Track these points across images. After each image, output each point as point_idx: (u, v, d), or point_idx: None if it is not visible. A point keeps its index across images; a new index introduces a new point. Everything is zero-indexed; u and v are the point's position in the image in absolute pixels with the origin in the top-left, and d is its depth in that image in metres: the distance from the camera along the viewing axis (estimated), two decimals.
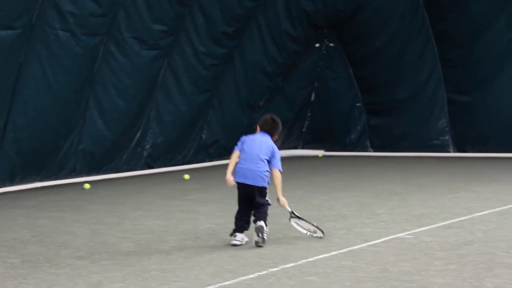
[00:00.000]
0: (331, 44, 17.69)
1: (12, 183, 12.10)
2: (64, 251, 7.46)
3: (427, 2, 16.46)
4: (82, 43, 12.55)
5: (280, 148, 20.40)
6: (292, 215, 7.75)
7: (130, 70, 13.59)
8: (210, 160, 15.93)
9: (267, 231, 7.40)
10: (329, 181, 12.90)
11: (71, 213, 9.90)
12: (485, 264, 6.41)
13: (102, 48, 13.03)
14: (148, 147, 14.48)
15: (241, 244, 7.42)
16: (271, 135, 7.70)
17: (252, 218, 7.51)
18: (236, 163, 7.62)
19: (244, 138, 7.77)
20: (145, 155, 14.44)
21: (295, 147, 17.73)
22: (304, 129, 18.03)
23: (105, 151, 13.58)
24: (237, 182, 7.57)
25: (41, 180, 12.64)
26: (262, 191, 7.49)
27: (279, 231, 7.97)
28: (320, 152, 17.80)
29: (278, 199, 7.60)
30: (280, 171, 7.56)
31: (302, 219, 7.76)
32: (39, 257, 7.18)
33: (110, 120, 13.56)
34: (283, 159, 8.02)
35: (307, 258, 6.80)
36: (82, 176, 13.21)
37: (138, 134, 14.23)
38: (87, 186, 12.39)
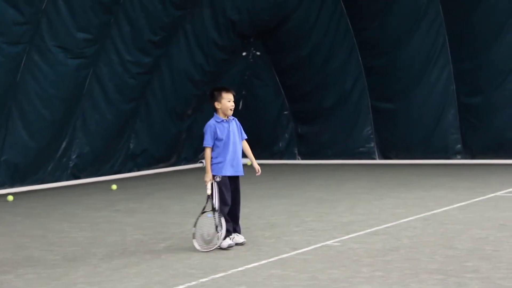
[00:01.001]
0: (258, 53, 17.80)
1: None
2: None
3: (350, 11, 16.74)
4: (3, 52, 12.26)
5: None
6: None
7: (55, 79, 13.35)
8: (139, 170, 15.77)
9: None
10: (258, 189, 12.93)
11: None
12: (411, 270, 6.54)
13: (25, 57, 12.76)
14: (74, 157, 14.23)
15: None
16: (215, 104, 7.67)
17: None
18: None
19: (210, 128, 7.62)
20: (71, 165, 14.19)
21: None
22: None
23: (29, 162, 13.28)
24: (224, 177, 7.60)
25: None
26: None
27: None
28: (248, 161, 17.83)
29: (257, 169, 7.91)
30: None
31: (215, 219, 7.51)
32: None
33: (35, 130, 13.28)
34: None
35: (236, 268, 6.79)
36: (5, 188, 12.88)
37: (64, 144, 13.98)
38: (10, 198, 12.08)
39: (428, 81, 16.40)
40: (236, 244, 7.64)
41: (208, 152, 7.63)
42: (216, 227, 7.46)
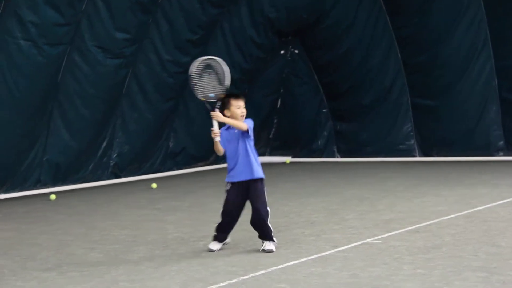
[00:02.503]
0: (296, 51, 17.76)
1: None
2: (30, 263, 7.35)
3: (389, 8, 16.61)
4: (45, 53, 12.42)
5: None
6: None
7: (95, 79, 13.49)
8: (178, 169, 15.86)
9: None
10: (297, 187, 12.91)
11: (37, 225, 9.76)
12: (453, 267, 6.46)
13: (66, 58, 12.91)
14: (114, 156, 14.37)
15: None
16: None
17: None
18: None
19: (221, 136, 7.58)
20: (111, 164, 14.32)
21: (262, 154, 17.75)
22: (271, 136, 18.05)
23: (70, 161, 13.45)
24: (234, 185, 7.56)
25: (5, 192, 12.46)
26: None
27: (249, 239, 7.94)
28: (287, 159, 17.83)
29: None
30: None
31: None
32: (4, 270, 7.06)
33: (75, 130, 13.43)
34: None
35: (277, 265, 6.79)
36: (48, 187, 13.06)
37: (104, 144, 14.12)
38: (53, 197, 12.25)
39: (470, 78, 16.20)
40: (264, 250, 7.35)
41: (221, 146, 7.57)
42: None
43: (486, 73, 16.04)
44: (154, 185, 13.45)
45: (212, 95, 7.59)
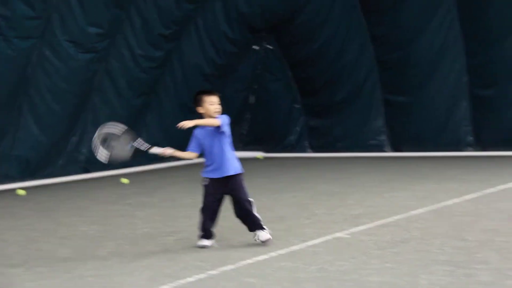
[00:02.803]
0: (270, 47, 17.76)
1: None
2: None
3: (363, 5, 16.67)
4: (14, 47, 12.29)
5: None
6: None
7: (66, 73, 13.38)
8: (149, 164, 15.79)
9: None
10: (269, 182, 12.93)
11: (4, 220, 9.68)
12: (421, 261, 6.52)
13: (37, 52, 12.80)
14: (84, 151, 14.27)
15: None
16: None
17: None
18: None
19: (195, 136, 7.63)
20: (81, 159, 14.23)
21: (235, 149, 17.70)
22: (243, 131, 18.05)
23: (40, 156, 13.33)
24: (212, 181, 7.52)
25: None
26: None
27: (218, 234, 7.93)
28: (260, 154, 17.84)
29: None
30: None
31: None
32: None
33: (45, 125, 13.32)
34: None
35: (246, 260, 6.80)
36: (16, 182, 12.93)
37: (75, 139, 14.02)
38: (21, 192, 12.14)
39: (441, 74, 16.33)
40: (262, 242, 7.36)
41: (187, 153, 7.61)
42: (124, 157, 7.47)
43: (457, 70, 16.17)
44: (124, 180, 13.39)
45: (129, 146, 7.54)
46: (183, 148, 18.36)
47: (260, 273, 6.34)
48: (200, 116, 7.56)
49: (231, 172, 7.38)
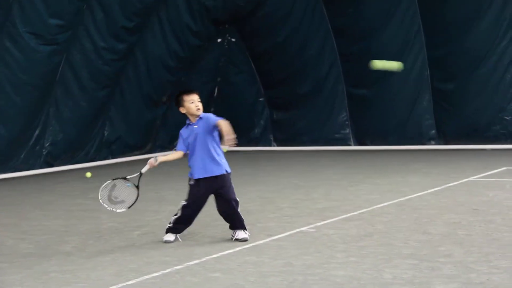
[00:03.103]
0: (233, 39, 17.73)
1: None
2: None
3: None
4: None
5: None
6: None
7: (27, 65, 13.21)
8: (113, 157, 15.68)
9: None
10: (233, 176, 12.87)
11: None
12: (385, 255, 6.57)
13: None
14: (47, 145, 14.11)
15: None
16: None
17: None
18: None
19: (180, 134, 7.47)
20: (44, 153, 14.06)
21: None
22: None
23: (1, 150, 13.14)
24: (197, 181, 7.38)
25: None
26: None
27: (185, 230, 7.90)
28: (224, 147, 17.81)
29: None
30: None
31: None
32: None
33: (6, 118, 13.14)
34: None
35: (211, 255, 6.78)
36: None
37: (37, 132, 13.85)
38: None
39: (403, 69, 16.43)
40: (236, 240, 7.33)
41: (173, 153, 7.44)
42: (136, 198, 7.36)
43: (419, 63, 16.32)
44: (88, 174, 13.27)
45: (128, 184, 7.44)
46: (145, 139, 18.25)
47: (225, 267, 6.34)
48: (184, 116, 7.44)
49: (218, 173, 7.29)
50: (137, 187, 7.42)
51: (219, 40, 17.64)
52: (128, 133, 16.00)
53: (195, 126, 7.32)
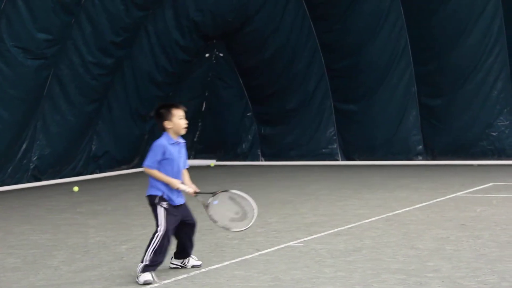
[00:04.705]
0: (221, 54, 17.78)
1: None
2: None
3: (313, 13, 16.82)
4: None
5: None
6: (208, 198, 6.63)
7: (14, 80, 13.18)
8: (101, 172, 15.64)
9: None
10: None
11: None
12: (373, 270, 6.57)
13: None
14: (34, 159, 14.06)
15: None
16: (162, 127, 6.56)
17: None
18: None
19: (159, 148, 6.49)
20: (31, 167, 14.01)
21: (187, 157, 17.67)
22: (195, 139, 18.02)
23: None
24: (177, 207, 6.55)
25: None
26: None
27: (172, 243, 7.87)
28: (212, 162, 17.81)
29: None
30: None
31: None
32: None
33: None
34: None
35: (199, 269, 6.76)
36: None
37: (24, 146, 13.80)
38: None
39: (390, 83, 16.56)
40: (193, 266, 6.76)
41: (156, 172, 6.48)
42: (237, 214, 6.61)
43: (406, 79, 16.43)
44: (75, 189, 13.22)
45: (215, 201, 6.72)
46: (133, 154, 18.12)
47: (213, 282, 6.32)
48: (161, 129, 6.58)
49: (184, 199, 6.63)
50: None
51: (207, 55, 17.69)
52: (116, 147, 15.98)
53: (180, 149, 6.56)
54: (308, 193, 12.14)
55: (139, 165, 16.61)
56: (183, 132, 6.53)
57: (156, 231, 6.41)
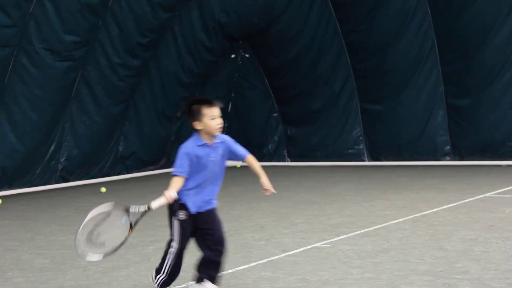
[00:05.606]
0: (247, 55, 17.80)
1: None
2: None
3: (339, 13, 16.78)
4: None
5: None
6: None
7: (43, 81, 13.31)
8: (128, 173, 15.74)
9: None
10: (247, 191, 12.91)
11: None
12: (400, 271, 6.54)
13: (13, 60, 12.70)
14: (63, 160, 14.19)
15: None
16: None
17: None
18: None
19: (186, 153, 5.68)
20: (60, 168, 14.14)
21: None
22: None
23: (17, 165, 13.23)
24: (190, 216, 5.77)
25: None
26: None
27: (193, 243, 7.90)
28: (238, 163, 17.83)
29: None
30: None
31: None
32: None
33: (22, 133, 13.22)
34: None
35: (226, 270, 6.77)
36: None
37: (52, 147, 13.93)
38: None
39: (417, 83, 16.45)
40: None
41: (177, 181, 5.66)
42: (120, 244, 5.68)
43: (433, 78, 16.31)
44: (103, 189, 13.31)
45: (124, 220, 5.70)
46: (159, 155, 18.24)
47: (240, 283, 6.33)
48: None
49: (215, 204, 5.87)
50: (131, 227, 5.68)
51: (232, 56, 17.71)
52: (143, 148, 16.06)
53: (212, 151, 5.71)
54: (334, 194, 12.11)
55: (166, 166, 16.69)
56: (217, 133, 5.70)
57: (170, 245, 5.78)
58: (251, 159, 6.00)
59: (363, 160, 16.99)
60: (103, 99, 14.77)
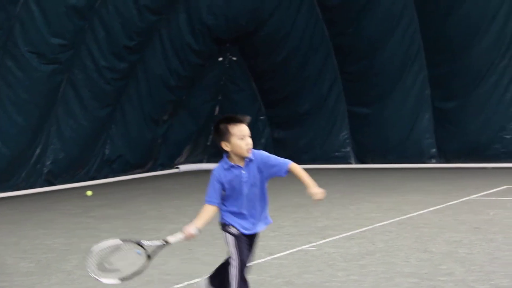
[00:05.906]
0: (234, 58, 17.81)
1: None
2: None
3: (326, 17, 16.81)
4: None
5: (184, 162, 20.01)
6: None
7: (28, 84, 13.26)
8: (114, 176, 15.69)
9: None
10: None
11: None
12: (386, 273, 6.56)
13: None
14: (48, 163, 14.13)
15: None
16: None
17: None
18: None
19: (214, 178, 5.36)
20: (45, 171, 14.08)
21: (200, 161, 17.71)
22: (208, 143, 18.03)
23: (2, 168, 13.17)
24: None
25: None
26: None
27: (184, 247, 7.90)
28: (88, 191, 17.76)
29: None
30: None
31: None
32: None
33: (8, 137, 13.17)
34: (189, 173, 7.94)
35: (211, 273, 6.75)
36: None
37: (38, 150, 13.88)
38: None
39: (403, 86, 16.51)
40: None
41: (206, 211, 5.38)
42: (138, 270, 5.35)
43: (419, 82, 16.37)
44: (89, 193, 13.28)
45: (139, 251, 5.36)
46: (146, 158, 18.12)
47: None
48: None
49: (268, 223, 5.56)
50: (149, 257, 5.34)
51: (220, 58, 17.71)
52: (129, 151, 16.03)
53: (243, 172, 5.27)
54: None
55: (153, 169, 16.66)
56: (247, 154, 5.23)
57: (230, 263, 5.37)
58: (294, 168, 5.54)
59: (350, 163, 17.03)
60: (90, 102, 14.72)
